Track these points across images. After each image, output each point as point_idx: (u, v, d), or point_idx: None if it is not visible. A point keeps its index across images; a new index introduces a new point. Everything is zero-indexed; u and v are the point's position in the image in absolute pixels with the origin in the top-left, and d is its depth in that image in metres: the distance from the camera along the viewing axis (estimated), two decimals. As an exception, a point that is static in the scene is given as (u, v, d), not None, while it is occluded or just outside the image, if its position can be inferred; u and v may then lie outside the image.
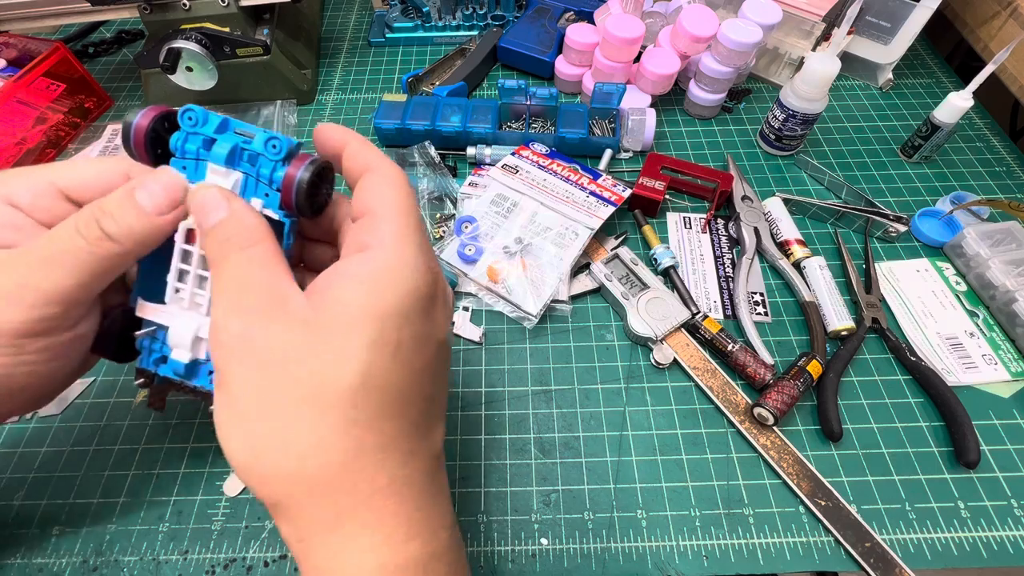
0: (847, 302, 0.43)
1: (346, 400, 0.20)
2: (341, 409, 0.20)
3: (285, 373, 0.20)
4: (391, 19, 0.66)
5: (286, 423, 0.20)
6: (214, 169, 0.25)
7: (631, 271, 0.45)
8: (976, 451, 0.36)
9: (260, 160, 0.25)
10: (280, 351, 0.20)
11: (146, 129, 0.25)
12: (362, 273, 0.21)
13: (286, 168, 0.24)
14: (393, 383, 0.21)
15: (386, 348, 0.20)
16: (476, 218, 0.47)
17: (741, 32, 0.51)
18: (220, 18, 0.53)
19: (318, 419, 0.20)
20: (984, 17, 0.58)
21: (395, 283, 0.21)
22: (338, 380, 0.20)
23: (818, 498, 0.35)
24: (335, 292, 0.21)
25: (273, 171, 0.24)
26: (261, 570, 0.33)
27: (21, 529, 0.35)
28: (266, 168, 0.24)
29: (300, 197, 0.24)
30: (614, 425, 0.39)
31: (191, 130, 0.25)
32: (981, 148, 0.55)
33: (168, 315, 0.26)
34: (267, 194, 0.25)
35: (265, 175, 0.25)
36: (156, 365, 0.28)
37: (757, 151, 0.55)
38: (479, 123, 0.53)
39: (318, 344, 0.20)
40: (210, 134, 0.25)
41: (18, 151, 0.53)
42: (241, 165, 0.25)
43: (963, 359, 0.41)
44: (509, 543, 0.34)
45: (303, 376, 0.20)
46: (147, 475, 0.37)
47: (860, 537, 0.34)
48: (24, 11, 0.52)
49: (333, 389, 0.20)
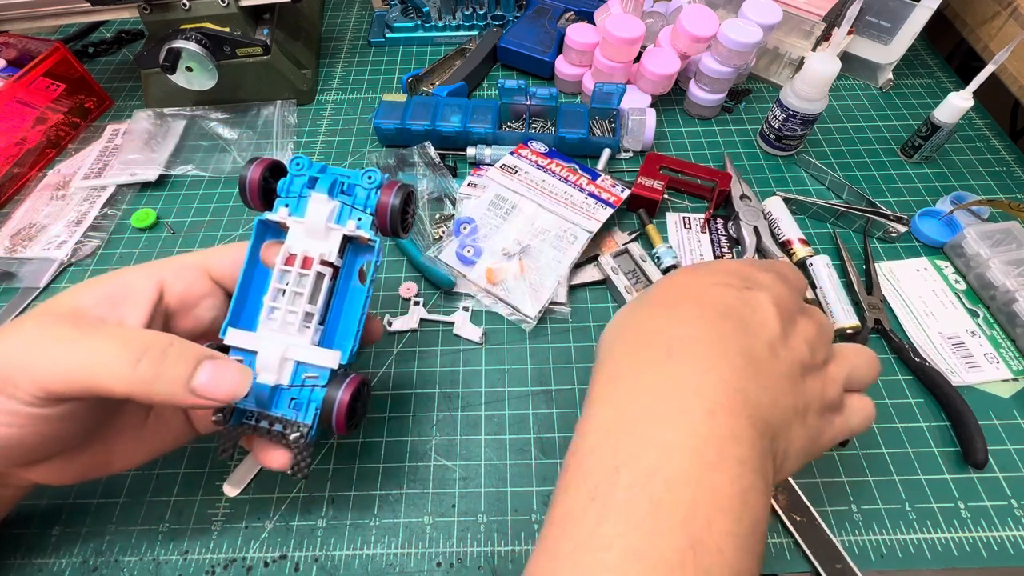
0: (849, 301, 0.43)
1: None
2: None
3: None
4: (391, 19, 0.66)
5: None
6: (317, 198, 0.28)
7: (639, 267, 0.45)
8: (984, 451, 0.36)
9: (356, 190, 0.29)
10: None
11: (259, 180, 0.29)
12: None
13: (379, 195, 0.29)
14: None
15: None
16: (475, 219, 0.47)
17: (741, 32, 0.51)
18: (220, 18, 0.53)
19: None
20: (984, 17, 0.58)
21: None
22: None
23: (794, 513, 0.35)
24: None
25: (368, 198, 0.29)
26: (261, 570, 0.33)
27: (21, 529, 0.35)
28: (361, 197, 0.29)
29: (393, 218, 0.29)
30: (614, 425, 0.39)
31: (297, 173, 0.29)
32: (981, 148, 0.55)
33: (257, 340, 0.28)
34: (360, 218, 0.29)
35: (360, 202, 0.29)
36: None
37: (757, 151, 0.55)
38: (479, 123, 0.53)
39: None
40: (315, 173, 0.29)
41: (18, 151, 0.53)
42: (339, 196, 0.29)
43: (966, 358, 0.41)
44: (509, 543, 0.34)
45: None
46: (147, 475, 0.37)
47: (831, 556, 0.33)
48: (24, 11, 0.52)
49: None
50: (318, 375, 0.28)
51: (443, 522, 0.35)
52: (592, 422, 0.23)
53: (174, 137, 0.56)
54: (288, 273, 0.28)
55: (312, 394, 0.28)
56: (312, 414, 0.28)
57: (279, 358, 0.27)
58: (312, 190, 0.29)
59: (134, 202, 0.52)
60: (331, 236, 0.29)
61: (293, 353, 0.28)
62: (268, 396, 0.28)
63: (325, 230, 0.28)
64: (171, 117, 0.58)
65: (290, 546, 0.34)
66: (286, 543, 0.34)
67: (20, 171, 0.53)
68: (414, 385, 0.41)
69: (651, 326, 0.25)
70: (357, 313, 0.29)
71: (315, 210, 0.28)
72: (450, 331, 0.43)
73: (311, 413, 0.28)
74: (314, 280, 0.28)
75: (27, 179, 0.53)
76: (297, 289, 0.28)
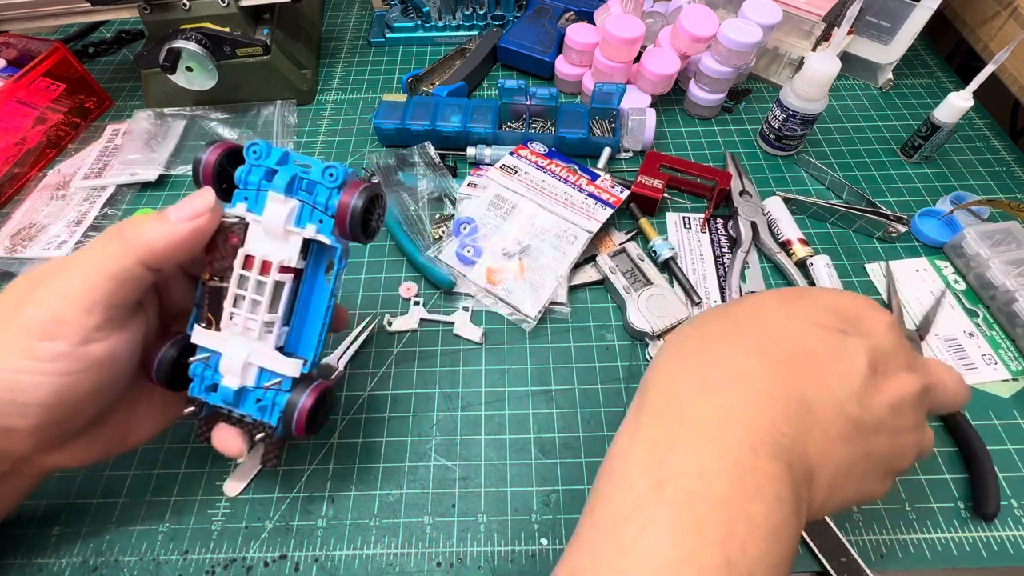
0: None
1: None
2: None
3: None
4: (391, 19, 0.66)
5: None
6: (274, 197, 0.26)
7: (636, 266, 0.45)
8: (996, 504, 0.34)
9: (317, 188, 0.26)
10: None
11: (213, 164, 0.26)
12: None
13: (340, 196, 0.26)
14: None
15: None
16: (475, 219, 0.47)
17: (741, 32, 0.51)
18: (220, 18, 0.53)
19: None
20: (984, 17, 0.58)
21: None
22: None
23: None
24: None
25: (329, 198, 0.26)
26: (261, 570, 0.33)
27: (21, 529, 0.35)
28: (322, 196, 0.26)
29: (355, 223, 0.26)
30: (614, 425, 0.39)
31: (255, 163, 0.26)
32: (981, 148, 0.55)
33: (221, 340, 0.27)
34: (321, 220, 0.26)
35: (321, 202, 0.26)
36: (207, 393, 0.28)
37: (757, 151, 0.55)
38: (479, 123, 0.53)
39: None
40: (272, 165, 0.26)
41: (18, 151, 0.53)
42: (299, 194, 0.26)
43: (963, 360, 0.41)
44: (509, 543, 0.34)
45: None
46: (147, 475, 0.37)
47: (836, 550, 0.33)
48: (24, 11, 0.52)
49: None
50: (281, 380, 0.28)
51: (443, 522, 0.35)
52: (642, 432, 0.23)
53: (174, 137, 0.56)
54: (247, 279, 0.26)
55: (276, 397, 0.28)
56: (276, 416, 0.28)
57: (242, 363, 0.27)
58: (270, 186, 0.26)
59: (134, 202, 0.52)
60: (291, 240, 0.26)
61: (256, 359, 0.27)
62: (235, 396, 0.28)
63: (284, 233, 0.26)
64: (171, 117, 0.58)
65: (290, 546, 0.34)
66: (286, 543, 0.34)
67: (20, 171, 0.53)
68: (414, 385, 0.41)
69: (717, 354, 0.24)
70: (320, 318, 0.28)
71: (273, 210, 0.26)
72: (450, 331, 0.43)
73: (275, 416, 0.28)
74: (272, 289, 0.27)
75: (27, 179, 0.53)
76: (256, 296, 0.27)
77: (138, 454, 0.37)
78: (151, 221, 0.26)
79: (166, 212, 0.26)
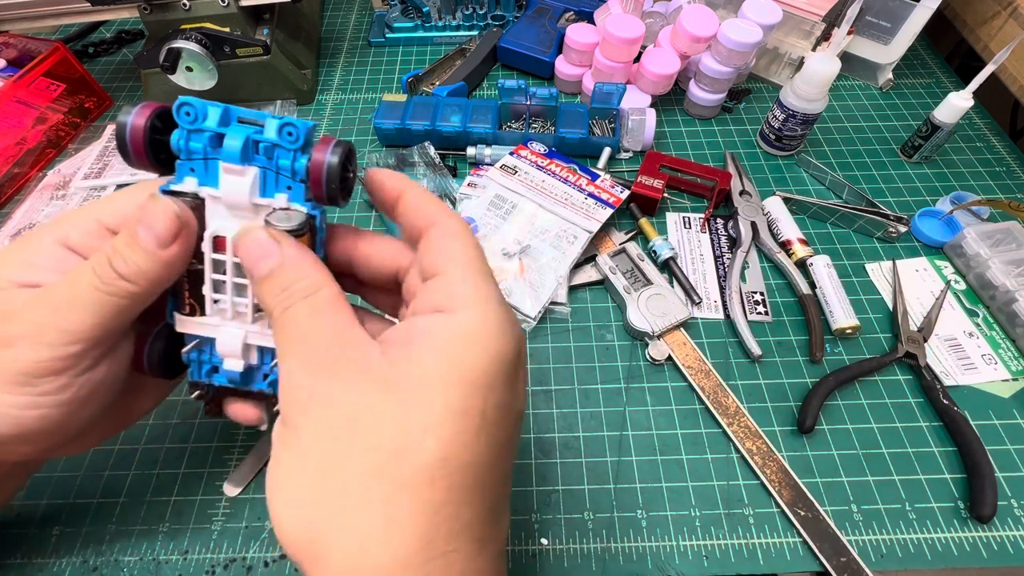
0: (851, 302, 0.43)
1: (423, 479, 0.18)
2: (415, 489, 0.18)
3: (357, 438, 0.18)
4: (391, 19, 0.66)
5: (351, 498, 0.18)
6: (228, 168, 0.22)
7: (636, 266, 0.45)
8: (993, 506, 0.34)
9: (277, 151, 0.22)
10: (354, 411, 0.18)
11: (144, 130, 0.22)
12: (445, 335, 0.19)
13: (308, 156, 0.22)
14: (474, 461, 0.19)
15: (470, 420, 0.18)
16: (475, 219, 0.47)
17: (741, 32, 0.51)
18: (220, 18, 0.53)
19: (389, 499, 0.17)
20: (984, 17, 0.58)
21: (481, 347, 0.19)
22: (416, 454, 0.18)
23: (798, 507, 0.35)
24: (415, 352, 0.19)
25: (294, 161, 0.22)
26: (261, 570, 0.33)
27: (21, 529, 0.35)
28: (285, 159, 0.22)
29: (332, 184, 0.22)
30: (614, 425, 0.39)
31: (191, 127, 0.22)
32: (981, 148, 0.55)
33: (211, 327, 0.25)
34: (290, 187, 0.22)
35: (286, 166, 0.22)
36: (209, 376, 0.27)
37: (757, 151, 0.55)
38: (479, 123, 0.53)
39: (396, 409, 0.18)
40: (215, 128, 0.22)
41: (18, 151, 0.53)
42: (256, 159, 0.22)
43: (962, 360, 0.41)
44: (509, 543, 0.34)
45: (377, 444, 0.18)
46: (147, 475, 0.37)
47: (836, 550, 0.33)
48: (24, 11, 0.52)
49: (409, 464, 0.18)
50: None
51: (443, 522, 0.35)
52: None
53: (174, 137, 0.56)
54: (222, 263, 0.23)
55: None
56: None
57: (240, 345, 0.25)
58: (220, 155, 0.22)
59: (134, 202, 0.52)
60: (261, 213, 0.23)
61: (254, 339, 0.26)
62: (241, 376, 0.26)
63: (252, 207, 0.23)
64: (171, 117, 0.58)
65: (290, 546, 0.34)
66: (286, 543, 0.34)
67: (20, 171, 0.53)
68: (414, 385, 0.41)
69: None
70: None
71: (231, 183, 0.22)
72: (450, 331, 0.43)
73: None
74: None
75: (27, 179, 0.53)
76: (238, 279, 0.24)
77: (138, 454, 0.37)
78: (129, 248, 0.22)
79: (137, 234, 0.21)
